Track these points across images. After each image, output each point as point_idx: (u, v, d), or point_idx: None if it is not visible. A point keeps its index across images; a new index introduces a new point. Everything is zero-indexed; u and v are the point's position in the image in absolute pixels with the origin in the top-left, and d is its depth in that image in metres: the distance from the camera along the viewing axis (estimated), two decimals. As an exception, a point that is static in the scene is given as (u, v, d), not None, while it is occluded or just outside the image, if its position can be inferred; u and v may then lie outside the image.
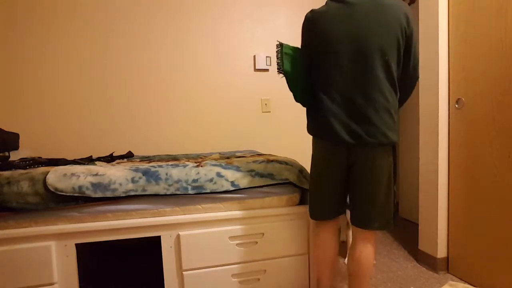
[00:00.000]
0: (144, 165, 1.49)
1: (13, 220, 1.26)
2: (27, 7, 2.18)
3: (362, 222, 1.22)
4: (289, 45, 1.26)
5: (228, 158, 1.81)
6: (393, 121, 1.16)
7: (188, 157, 2.07)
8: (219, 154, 2.17)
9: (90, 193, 1.32)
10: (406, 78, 1.22)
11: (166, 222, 1.37)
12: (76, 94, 2.28)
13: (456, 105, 1.79)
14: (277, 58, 1.25)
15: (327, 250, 1.33)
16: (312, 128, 1.29)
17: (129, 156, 2.13)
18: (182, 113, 2.47)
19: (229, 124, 2.57)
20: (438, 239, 1.88)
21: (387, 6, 1.13)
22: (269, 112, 2.65)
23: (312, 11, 1.24)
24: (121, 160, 1.94)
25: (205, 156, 2.06)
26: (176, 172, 1.42)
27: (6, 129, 1.83)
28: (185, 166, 1.48)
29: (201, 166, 1.48)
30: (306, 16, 1.26)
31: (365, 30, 1.12)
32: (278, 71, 1.26)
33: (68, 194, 1.29)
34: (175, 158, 2.04)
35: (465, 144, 1.75)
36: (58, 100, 2.26)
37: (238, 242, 1.43)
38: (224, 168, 1.47)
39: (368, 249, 1.24)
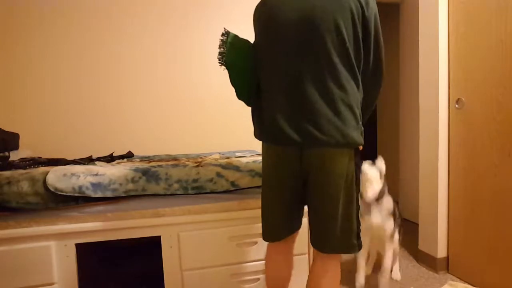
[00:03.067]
0: (144, 165, 1.49)
1: (13, 220, 1.26)
2: (26, 8, 2.18)
3: (317, 243, 1.04)
4: (237, 36, 1.10)
5: (228, 158, 1.81)
6: (354, 117, 0.96)
7: (188, 157, 2.07)
8: (219, 154, 2.17)
9: (90, 193, 1.32)
10: (367, 73, 1.03)
11: (166, 222, 1.37)
12: (76, 94, 2.28)
13: (456, 105, 1.79)
14: (219, 48, 1.09)
15: (278, 273, 1.15)
16: (257, 130, 1.11)
17: (129, 156, 2.13)
18: (182, 113, 2.46)
19: (229, 124, 2.56)
20: (438, 239, 1.88)
21: None
22: (269, 112, 2.65)
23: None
24: (121, 160, 1.94)
25: (205, 156, 2.06)
26: (176, 172, 1.42)
27: (6, 129, 1.83)
28: (185, 166, 1.48)
29: (201, 166, 1.48)
30: (256, 7, 1.10)
31: (316, 7, 0.94)
32: (219, 63, 1.10)
33: (68, 194, 1.29)
34: (175, 158, 2.04)
35: (465, 144, 1.75)
36: (58, 100, 2.26)
37: (238, 242, 1.43)
38: (224, 168, 1.47)
39: (327, 278, 1.03)
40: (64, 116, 2.27)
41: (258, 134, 1.11)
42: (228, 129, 2.56)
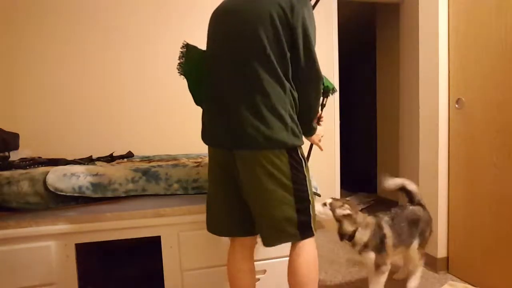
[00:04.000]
0: (144, 165, 1.49)
1: (13, 220, 1.26)
2: (27, 8, 2.18)
3: (261, 237, 1.11)
4: (195, 47, 1.23)
5: (228, 158, 1.81)
6: (281, 120, 1.01)
7: (188, 157, 2.07)
8: (219, 154, 2.17)
9: (90, 193, 1.32)
10: (301, 78, 1.05)
11: (166, 222, 1.37)
12: (76, 94, 2.28)
13: (456, 105, 1.79)
14: (179, 59, 1.23)
15: (240, 282, 1.19)
16: (202, 132, 1.20)
17: (129, 156, 2.13)
18: (182, 113, 2.46)
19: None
20: (438, 239, 1.88)
21: None
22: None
23: (215, 9, 1.17)
24: (121, 160, 1.94)
25: (205, 156, 2.06)
26: (176, 172, 1.42)
27: (6, 129, 1.83)
28: (185, 166, 1.48)
29: (201, 166, 1.48)
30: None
31: (238, 18, 1.03)
32: (178, 72, 1.24)
33: (68, 194, 1.29)
34: (175, 158, 2.04)
35: (465, 144, 1.75)
36: (58, 100, 2.26)
37: (238, 242, 1.43)
38: (224, 168, 1.47)
39: (299, 262, 1.10)
40: (64, 116, 2.27)
41: (201, 136, 1.19)
42: (228, 129, 2.56)
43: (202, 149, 2.48)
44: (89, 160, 1.80)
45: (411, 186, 1.67)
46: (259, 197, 1.05)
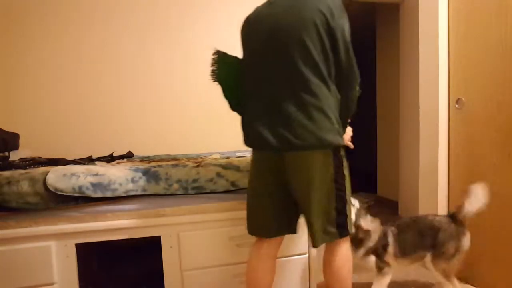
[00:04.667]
0: (144, 165, 1.49)
1: (13, 220, 1.26)
2: (26, 8, 2.18)
3: (311, 239, 1.13)
4: (227, 54, 1.25)
5: (228, 158, 1.81)
6: (328, 120, 1.05)
7: (188, 157, 2.07)
8: (219, 154, 2.17)
9: (90, 193, 1.32)
10: (342, 78, 1.10)
11: (166, 222, 1.37)
12: (76, 94, 2.28)
13: (456, 105, 1.79)
14: (211, 66, 1.26)
15: (260, 281, 1.18)
16: (245, 137, 1.21)
17: (129, 156, 2.13)
18: (182, 113, 2.46)
19: (229, 124, 2.56)
20: (438, 239, 1.88)
21: None
22: (269, 112, 2.64)
23: (247, 16, 1.20)
24: (121, 160, 1.94)
25: (205, 156, 2.06)
26: (176, 172, 1.42)
27: (6, 129, 1.83)
28: (185, 166, 1.48)
29: (201, 166, 1.48)
30: (243, 22, 1.22)
31: (281, 25, 1.06)
32: (212, 79, 1.27)
33: (68, 194, 1.29)
34: (175, 158, 2.04)
35: (465, 144, 1.75)
36: (58, 100, 2.26)
37: (238, 242, 1.43)
38: (224, 168, 1.47)
39: (336, 262, 1.15)
40: (64, 116, 2.27)
41: (245, 141, 1.21)
42: (228, 129, 2.56)
43: (202, 149, 2.49)
44: (89, 160, 1.80)
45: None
46: (308, 196, 1.08)
